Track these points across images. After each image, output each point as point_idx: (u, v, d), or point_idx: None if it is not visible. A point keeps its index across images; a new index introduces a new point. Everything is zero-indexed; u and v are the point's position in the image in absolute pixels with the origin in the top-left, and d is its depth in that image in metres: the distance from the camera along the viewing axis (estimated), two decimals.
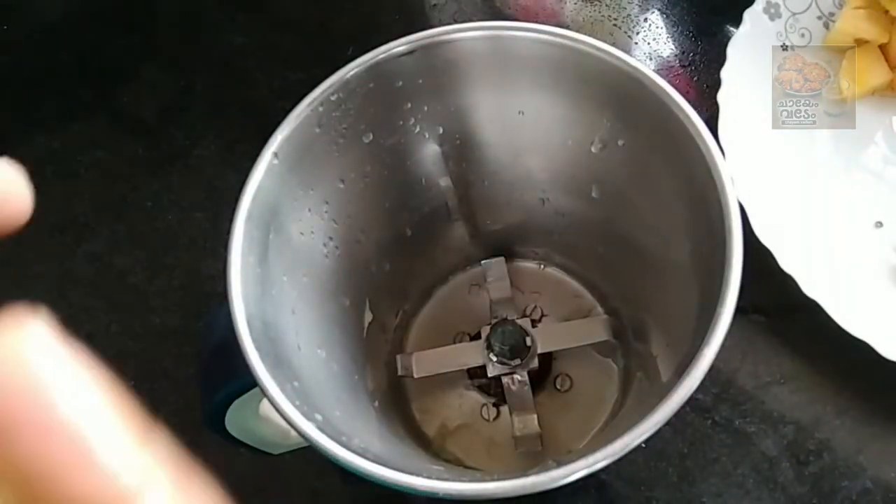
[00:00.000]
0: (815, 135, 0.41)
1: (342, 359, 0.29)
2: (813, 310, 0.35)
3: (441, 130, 0.31)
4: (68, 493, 0.10)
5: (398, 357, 0.34)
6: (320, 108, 0.27)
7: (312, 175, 0.28)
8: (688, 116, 0.25)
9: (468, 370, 0.34)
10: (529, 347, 0.33)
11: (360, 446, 0.22)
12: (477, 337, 0.35)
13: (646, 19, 0.48)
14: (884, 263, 0.38)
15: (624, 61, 0.26)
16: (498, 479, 0.20)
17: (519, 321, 0.33)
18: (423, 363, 0.34)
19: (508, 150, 0.32)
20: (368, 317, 0.33)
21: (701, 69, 0.45)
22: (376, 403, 0.31)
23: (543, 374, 0.34)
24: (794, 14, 0.43)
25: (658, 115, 0.25)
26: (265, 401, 0.23)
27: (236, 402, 0.26)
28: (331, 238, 0.30)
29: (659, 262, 0.29)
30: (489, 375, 0.33)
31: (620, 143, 0.28)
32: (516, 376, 0.33)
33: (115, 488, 0.10)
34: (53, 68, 0.50)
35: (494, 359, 0.33)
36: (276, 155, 0.26)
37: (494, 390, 0.34)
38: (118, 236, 0.44)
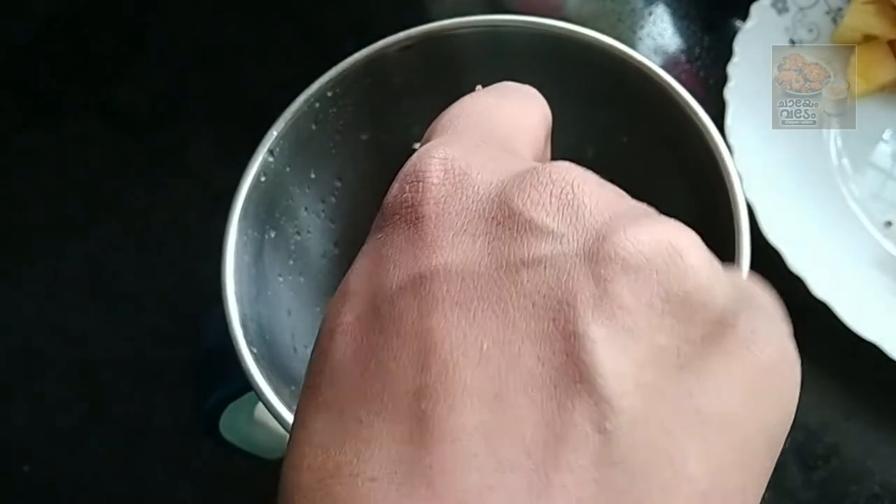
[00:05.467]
0: (823, 132, 0.41)
1: None
2: (821, 311, 0.34)
3: None
4: None
5: None
6: (317, 105, 0.26)
7: (309, 173, 0.27)
8: (695, 112, 0.24)
9: None
10: None
11: None
12: None
13: (650, 13, 0.47)
14: (893, 264, 0.37)
15: (629, 56, 0.25)
16: None
17: None
18: None
19: None
20: None
21: (707, 64, 0.45)
22: None
23: None
24: (801, 8, 0.42)
25: (664, 111, 0.25)
26: (260, 405, 0.22)
27: (231, 406, 0.26)
28: (328, 238, 0.29)
29: None
30: None
31: (624, 139, 0.28)
32: None
33: None
34: (45, 65, 0.49)
35: None
36: (271, 152, 0.25)
37: None
38: (111, 236, 0.43)
